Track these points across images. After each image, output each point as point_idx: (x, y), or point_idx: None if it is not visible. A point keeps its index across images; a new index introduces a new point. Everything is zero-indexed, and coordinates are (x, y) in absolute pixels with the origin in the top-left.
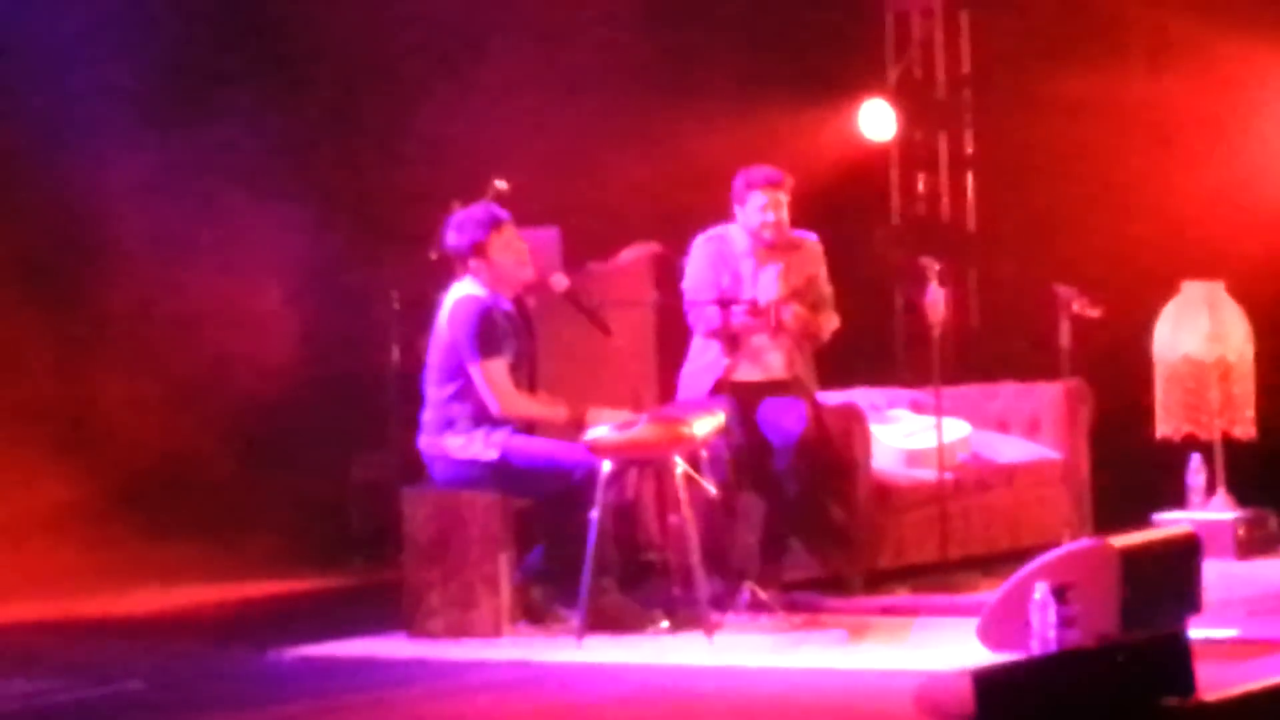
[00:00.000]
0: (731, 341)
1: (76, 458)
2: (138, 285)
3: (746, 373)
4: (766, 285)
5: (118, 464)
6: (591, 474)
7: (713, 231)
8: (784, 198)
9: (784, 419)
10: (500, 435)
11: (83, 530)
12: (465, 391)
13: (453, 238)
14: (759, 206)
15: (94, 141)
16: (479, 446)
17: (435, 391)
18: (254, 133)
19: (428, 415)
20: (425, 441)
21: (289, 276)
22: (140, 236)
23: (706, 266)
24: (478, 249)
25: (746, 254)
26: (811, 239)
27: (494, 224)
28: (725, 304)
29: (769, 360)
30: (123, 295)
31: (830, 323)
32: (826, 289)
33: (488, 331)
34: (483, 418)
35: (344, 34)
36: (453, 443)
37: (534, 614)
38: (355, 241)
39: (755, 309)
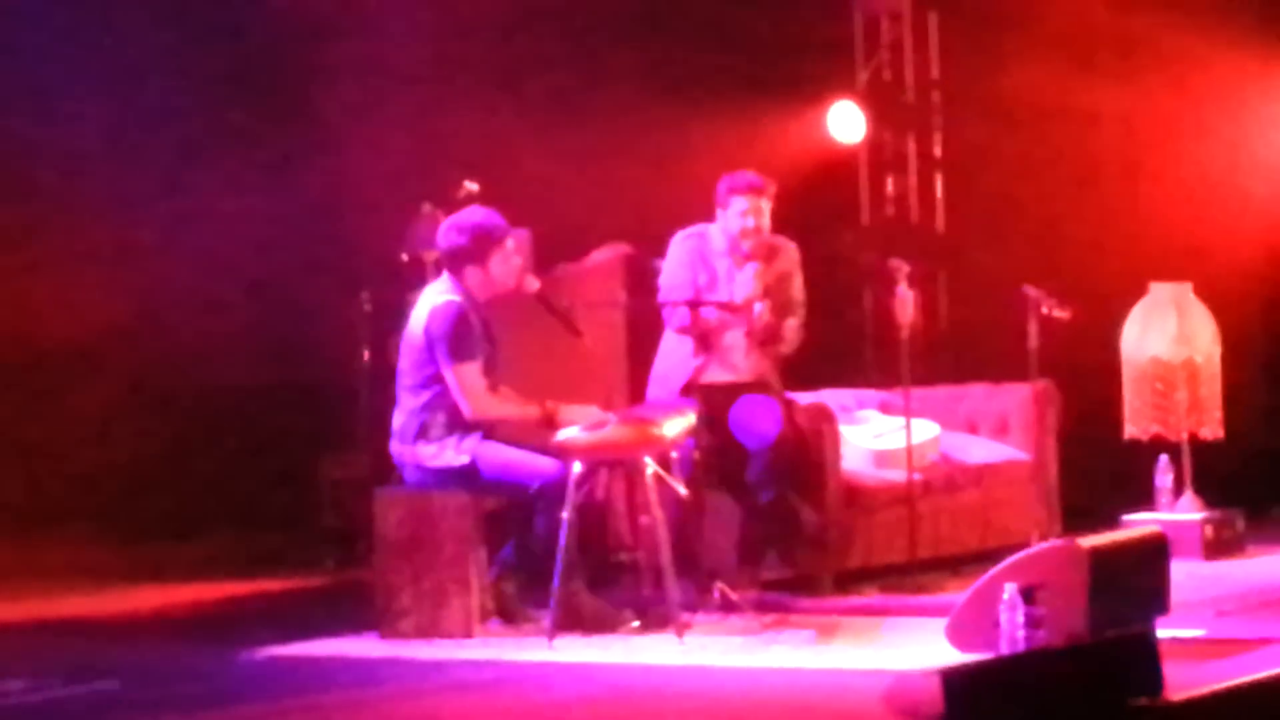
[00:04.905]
0: (703, 339)
1: (46, 458)
2: (104, 282)
3: (716, 374)
4: (743, 284)
5: (88, 464)
6: (553, 486)
7: (691, 229)
8: (766, 204)
9: (758, 422)
10: (471, 442)
11: (52, 531)
12: (440, 400)
13: (453, 237)
14: (740, 212)
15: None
16: (450, 454)
17: (409, 398)
18: (221, 131)
19: (400, 421)
20: (397, 448)
21: (260, 276)
22: (107, 231)
23: (684, 264)
24: (481, 255)
25: (724, 253)
26: (790, 244)
27: (502, 235)
28: (695, 305)
29: (738, 362)
30: (90, 291)
31: (794, 333)
32: (798, 294)
33: (464, 335)
34: (456, 425)
35: (311, 32)
36: (425, 451)
37: (506, 611)
38: (326, 241)
39: (731, 306)
